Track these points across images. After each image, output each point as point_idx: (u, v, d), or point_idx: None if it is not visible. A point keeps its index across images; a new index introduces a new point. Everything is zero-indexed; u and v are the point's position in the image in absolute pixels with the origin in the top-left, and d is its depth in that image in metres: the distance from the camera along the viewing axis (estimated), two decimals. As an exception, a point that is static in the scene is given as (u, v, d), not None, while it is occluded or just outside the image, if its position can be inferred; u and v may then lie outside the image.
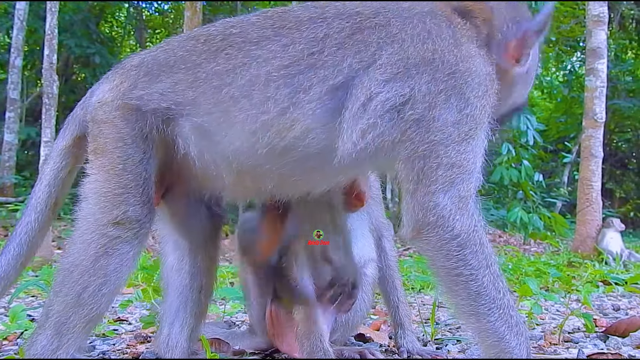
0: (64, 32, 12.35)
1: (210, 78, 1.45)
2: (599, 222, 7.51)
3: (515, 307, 1.36)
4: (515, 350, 1.31)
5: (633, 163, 21.11)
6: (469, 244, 1.31)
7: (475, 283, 1.31)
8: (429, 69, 1.38)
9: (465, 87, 1.37)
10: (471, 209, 1.33)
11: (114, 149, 1.47)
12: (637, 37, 20.38)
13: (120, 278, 1.45)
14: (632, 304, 3.52)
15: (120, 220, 1.43)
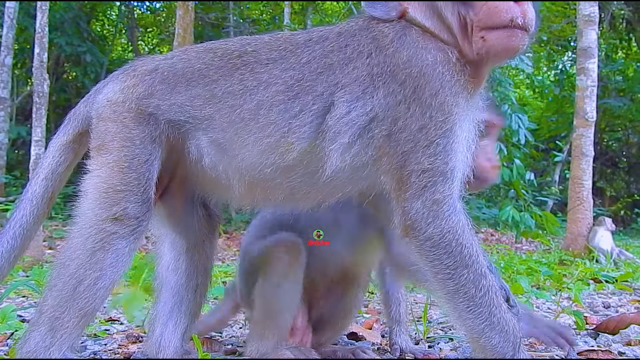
0: (54, 30, 12.27)
1: (226, 97, 1.51)
2: (590, 220, 7.57)
3: (503, 305, 1.37)
4: (498, 347, 1.33)
5: (623, 162, 21.28)
6: (443, 245, 1.35)
7: (452, 282, 1.36)
8: (382, 83, 1.41)
9: (420, 90, 1.39)
10: (447, 211, 1.36)
11: (121, 147, 1.51)
12: (627, 37, 20.54)
13: (115, 273, 1.46)
14: (622, 302, 3.55)
15: (119, 216, 1.45)
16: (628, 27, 20.04)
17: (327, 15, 17.01)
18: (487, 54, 1.40)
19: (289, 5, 13.99)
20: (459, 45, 1.43)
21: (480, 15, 1.37)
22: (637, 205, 18.78)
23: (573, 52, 16.47)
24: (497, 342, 1.34)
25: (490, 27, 1.36)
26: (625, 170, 21.25)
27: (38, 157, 7.68)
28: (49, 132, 13.42)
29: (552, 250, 8.46)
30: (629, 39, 20.56)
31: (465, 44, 1.42)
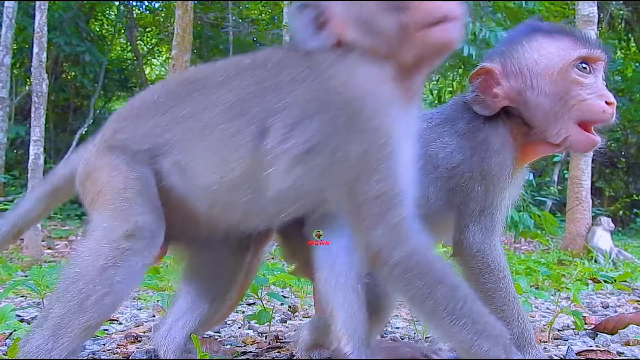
0: (53, 30, 12.25)
1: (180, 121, 1.52)
2: (589, 220, 7.58)
3: (484, 309, 1.37)
4: (490, 352, 1.33)
5: (622, 162, 21.30)
6: (412, 267, 1.33)
7: (430, 301, 1.33)
8: (317, 111, 1.39)
9: (356, 115, 1.36)
10: (408, 232, 1.34)
11: (111, 178, 1.52)
12: (626, 37, 20.56)
13: (125, 290, 1.46)
14: (621, 302, 3.55)
15: (132, 231, 1.44)
16: (627, 27, 20.06)
17: (326, 15, 17.00)
18: (429, 52, 1.39)
19: (288, 5, 13.99)
20: (398, 54, 1.41)
21: (417, 15, 1.36)
22: (635, 205, 18.79)
23: (572, 52, 16.47)
24: (487, 348, 1.33)
25: (429, 24, 1.35)
26: (624, 170, 21.27)
27: (37, 157, 7.67)
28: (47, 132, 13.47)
29: (551, 250, 8.47)
30: (627, 39, 20.59)
31: (404, 50, 1.40)
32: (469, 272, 1.66)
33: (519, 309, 1.68)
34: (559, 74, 1.60)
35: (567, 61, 1.60)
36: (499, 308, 1.65)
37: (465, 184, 1.63)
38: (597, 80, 1.62)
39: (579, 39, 1.64)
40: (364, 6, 1.43)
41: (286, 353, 2.11)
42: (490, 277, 1.64)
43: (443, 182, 1.67)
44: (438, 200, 1.68)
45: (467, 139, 1.66)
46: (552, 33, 1.67)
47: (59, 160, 1.82)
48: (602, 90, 1.60)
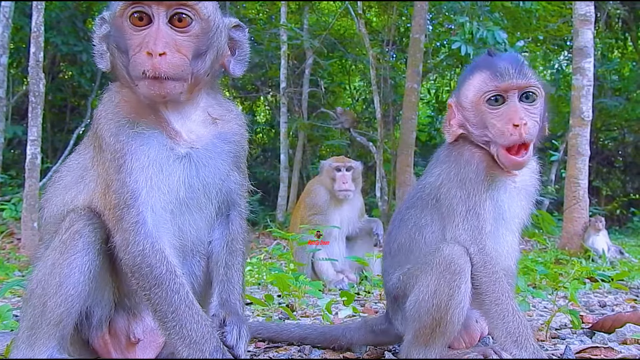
0: (50, 29, 12.20)
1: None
2: (586, 219, 7.58)
3: (198, 316, 1.50)
4: (190, 358, 1.48)
5: (619, 161, 21.33)
6: (136, 269, 1.55)
7: (149, 301, 1.54)
8: (91, 140, 1.73)
9: (99, 139, 1.65)
10: (136, 237, 1.54)
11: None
12: (623, 36, 20.58)
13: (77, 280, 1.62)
14: (618, 300, 3.56)
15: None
16: (624, 27, 20.08)
17: (324, 14, 16.99)
18: (145, 97, 1.59)
19: (285, 4, 13.97)
20: (131, 87, 1.63)
21: (130, 67, 1.56)
22: (633, 204, 18.82)
23: (569, 52, 16.51)
24: (186, 354, 1.48)
25: (136, 77, 1.55)
26: (621, 170, 21.30)
27: (34, 157, 7.65)
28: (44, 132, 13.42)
29: (548, 249, 8.47)
30: (624, 39, 20.61)
31: (133, 87, 1.61)
32: None
33: (513, 304, 1.72)
34: (476, 107, 1.86)
35: (478, 96, 1.85)
36: (493, 302, 1.71)
37: (449, 192, 1.85)
38: (510, 107, 1.80)
39: (494, 72, 1.83)
40: None
41: (284, 352, 2.11)
42: (481, 272, 1.73)
43: (431, 199, 1.93)
44: (428, 215, 1.93)
45: (445, 162, 1.93)
46: (480, 68, 1.88)
47: (56, 160, 1.85)
48: (511, 114, 1.79)
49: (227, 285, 1.73)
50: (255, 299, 3.02)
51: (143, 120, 1.63)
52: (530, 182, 1.96)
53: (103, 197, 1.62)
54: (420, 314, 1.76)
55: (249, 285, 4.52)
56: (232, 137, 1.78)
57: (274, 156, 18.01)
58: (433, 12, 13.22)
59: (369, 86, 15.68)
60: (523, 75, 1.82)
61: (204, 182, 1.70)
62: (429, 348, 1.76)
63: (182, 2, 1.58)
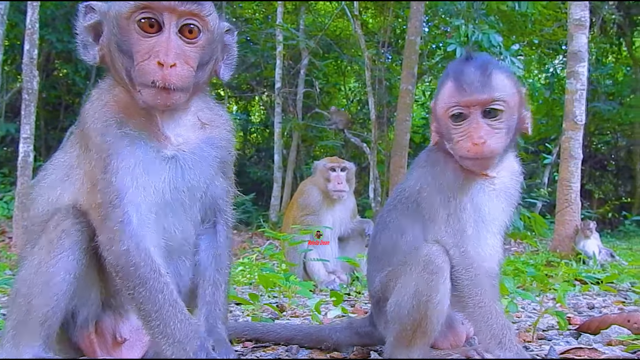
0: (45, 27, 12.17)
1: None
2: (578, 222, 7.60)
3: (182, 315, 1.51)
4: (173, 357, 1.48)
5: (612, 165, 21.45)
6: (120, 268, 1.55)
7: (132, 299, 1.55)
8: (78, 140, 1.72)
9: (85, 139, 1.65)
10: (121, 236, 1.54)
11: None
12: (617, 41, 20.70)
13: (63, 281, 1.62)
14: (607, 303, 3.58)
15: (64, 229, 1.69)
16: (618, 32, 20.19)
17: (320, 15, 17.01)
18: (146, 104, 1.57)
19: (282, 5, 13.98)
20: (130, 90, 1.61)
21: (136, 72, 1.54)
22: (624, 208, 18.93)
23: (564, 56, 16.57)
24: (170, 353, 1.48)
25: (141, 84, 1.54)
26: (613, 173, 21.42)
27: (26, 155, 7.62)
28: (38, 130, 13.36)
29: (540, 252, 8.51)
30: (619, 44, 20.72)
31: (133, 91, 1.59)
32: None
33: (496, 306, 1.73)
34: (443, 119, 1.86)
35: (443, 110, 1.84)
36: (476, 305, 1.72)
37: (428, 197, 1.87)
38: (471, 124, 1.78)
39: (458, 86, 1.80)
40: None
41: (271, 352, 2.12)
42: (463, 275, 1.74)
43: (411, 203, 1.94)
44: (409, 218, 1.94)
45: (424, 166, 1.96)
46: (449, 78, 1.85)
47: (49, 158, 1.86)
48: (471, 132, 1.77)
49: (214, 308, 1.74)
50: (243, 300, 3.02)
51: (132, 122, 1.63)
52: (510, 184, 1.94)
53: (88, 195, 1.62)
54: (401, 315, 1.77)
55: (240, 285, 4.52)
56: (220, 142, 1.78)
57: (267, 156, 18.01)
58: (429, 15, 13.27)
59: (363, 87, 15.70)
60: (487, 89, 1.77)
61: (189, 185, 1.70)
62: (411, 349, 1.76)
63: (195, 13, 1.57)
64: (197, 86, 1.65)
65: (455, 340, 1.96)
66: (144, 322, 1.54)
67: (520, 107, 1.87)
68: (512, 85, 1.84)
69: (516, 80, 1.88)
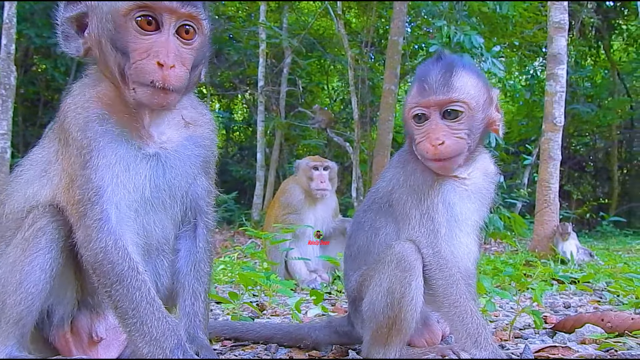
0: (23, 21, 11.96)
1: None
2: (556, 222, 7.71)
3: (159, 313, 1.50)
4: (149, 356, 1.47)
5: (590, 166, 21.82)
6: (97, 266, 1.53)
7: (109, 297, 1.53)
8: (57, 134, 1.69)
9: (65, 133, 1.63)
10: (98, 234, 1.53)
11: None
12: (596, 44, 21.05)
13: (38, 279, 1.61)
14: (583, 302, 3.64)
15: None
16: (597, 36, 20.54)
17: (303, 14, 17.00)
18: (139, 102, 1.57)
19: (265, 3, 13.94)
20: (121, 86, 1.59)
21: (131, 70, 1.53)
22: (602, 209, 19.28)
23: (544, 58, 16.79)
24: (147, 351, 1.48)
25: (137, 82, 1.53)
26: (591, 174, 21.79)
27: (4, 151, 7.49)
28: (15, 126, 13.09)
29: (519, 252, 8.62)
30: (597, 47, 21.08)
31: (124, 88, 1.58)
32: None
33: (471, 306, 1.75)
34: (407, 119, 1.90)
35: (407, 111, 1.88)
36: (452, 304, 1.74)
37: (400, 198, 1.89)
38: (430, 125, 1.82)
39: (419, 87, 1.84)
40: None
41: (250, 351, 2.11)
42: (437, 275, 1.76)
43: (384, 203, 1.96)
44: (382, 218, 1.96)
45: (396, 167, 1.98)
46: (415, 78, 1.90)
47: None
48: (429, 133, 1.81)
49: (194, 320, 1.73)
50: (223, 298, 3.01)
51: (115, 118, 1.61)
52: (483, 184, 1.95)
53: (66, 192, 1.60)
54: (376, 314, 1.78)
55: (221, 284, 4.50)
56: (203, 142, 1.78)
57: (250, 155, 17.95)
58: (412, 15, 13.34)
59: (346, 87, 15.74)
60: (445, 91, 1.79)
61: (170, 183, 1.69)
62: (387, 347, 1.78)
63: (193, 16, 1.57)
64: (188, 87, 1.64)
65: (431, 338, 1.97)
66: (120, 320, 1.52)
67: (487, 108, 1.88)
68: (476, 87, 1.84)
69: (483, 81, 1.89)
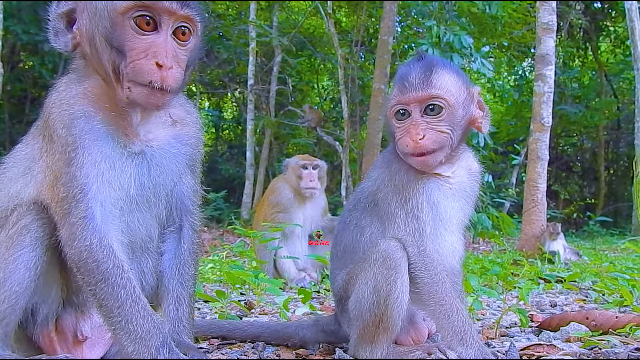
0: (10, 17, 11.83)
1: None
2: (544, 222, 7.78)
3: (144, 311, 1.50)
4: (134, 354, 1.47)
5: (577, 166, 22.04)
6: (82, 264, 1.52)
7: (93, 296, 1.52)
8: (41, 130, 1.67)
9: (50, 129, 1.60)
10: (83, 231, 1.52)
11: None
12: (584, 45, 21.26)
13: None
14: (568, 301, 3.68)
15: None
16: (585, 37, 20.74)
17: (294, 12, 16.97)
18: (132, 101, 1.57)
19: (255, 1, 13.90)
20: (113, 84, 1.58)
21: (128, 69, 1.53)
22: (589, 209, 19.47)
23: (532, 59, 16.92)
24: (132, 349, 1.48)
25: (134, 82, 1.53)
26: (579, 175, 22.01)
27: (-11, 148, 7.41)
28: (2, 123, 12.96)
29: (507, 251, 8.68)
30: (585, 48, 21.29)
31: (117, 86, 1.57)
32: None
33: (457, 304, 1.76)
34: (389, 117, 1.93)
35: (389, 108, 1.92)
36: (437, 303, 1.75)
37: (385, 197, 1.91)
38: (412, 119, 1.85)
39: (400, 84, 1.88)
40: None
41: (237, 349, 2.11)
42: (422, 274, 1.77)
43: (369, 202, 1.97)
44: (368, 217, 1.97)
45: (381, 167, 1.99)
46: (397, 76, 1.94)
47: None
48: (410, 128, 1.84)
49: (178, 325, 1.73)
50: (210, 297, 3.00)
51: (101, 116, 1.60)
52: (467, 183, 1.96)
53: (51, 189, 1.58)
54: (362, 312, 1.79)
55: (209, 283, 4.49)
56: (190, 140, 1.77)
57: (240, 153, 17.91)
58: (402, 15, 13.38)
59: (336, 86, 15.76)
60: (425, 87, 1.83)
61: (155, 181, 1.68)
62: (374, 345, 1.78)
63: (190, 18, 1.57)
64: (180, 87, 1.64)
65: (417, 336, 1.98)
66: (105, 319, 1.52)
67: (468, 105, 1.90)
68: (456, 84, 1.87)
69: (463, 79, 1.92)
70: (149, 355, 1.45)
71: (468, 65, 10.82)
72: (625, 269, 4.84)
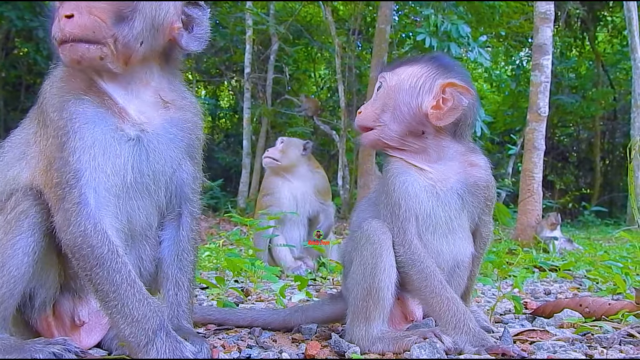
0: (4, 3, 11.71)
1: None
2: (539, 212, 7.81)
3: (140, 295, 1.50)
4: (131, 337, 1.47)
5: (573, 156, 22.10)
6: (76, 249, 1.52)
7: (91, 282, 1.52)
8: (36, 116, 1.67)
9: (43, 114, 1.61)
10: (78, 217, 1.51)
11: None
12: (581, 35, 21.21)
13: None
14: (563, 289, 3.71)
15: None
16: (582, 27, 20.70)
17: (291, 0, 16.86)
18: (67, 66, 1.59)
19: (252, -11, 13.80)
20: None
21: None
22: (584, 199, 19.56)
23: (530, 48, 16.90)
24: (128, 333, 1.47)
25: (55, 46, 1.54)
26: (574, 165, 22.08)
27: (-16, 135, 7.39)
28: (-3, 110, 12.82)
29: (502, 240, 8.73)
30: (583, 38, 21.25)
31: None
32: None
33: (450, 293, 1.80)
34: None
35: None
36: (429, 295, 1.81)
37: (379, 196, 2.00)
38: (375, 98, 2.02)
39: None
40: None
41: (234, 334, 2.13)
42: (411, 270, 1.83)
43: (374, 200, 2.08)
44: (370, 209, 2.06)
45: (382, 174, 2.06)
46: None
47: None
48: (372, 102, 2.02)
49: (177, 310, 1.73)
50: (210, 283, 3.02)
51: (88, 97, 1.58)
52: (463, 180, 1.94)
53: (44, 174, 1.58)
54: (354, 289, 1.86)
55: (206, 270, 4.50)
56: (185, 125, 1.74)
57: (236, 142, 17.88)
58: (399, 4, 13.32)
59: (333, 75, 15.71)
60: (383, 69, 2.08)
61: (154, 168, 1.66)
62: (368, 322, 1.81)
63: None
64: (129, 45, 1.56)
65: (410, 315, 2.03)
66: (101, 303, 1.52)
67: (420, 95, 1.91)
68: (411, 70, 1.96)
69: (427, 69, 1.94)
70: (146, 338, 1.45)
71: (465, 55, 10.80)
72: (619, 258, 4.88)
